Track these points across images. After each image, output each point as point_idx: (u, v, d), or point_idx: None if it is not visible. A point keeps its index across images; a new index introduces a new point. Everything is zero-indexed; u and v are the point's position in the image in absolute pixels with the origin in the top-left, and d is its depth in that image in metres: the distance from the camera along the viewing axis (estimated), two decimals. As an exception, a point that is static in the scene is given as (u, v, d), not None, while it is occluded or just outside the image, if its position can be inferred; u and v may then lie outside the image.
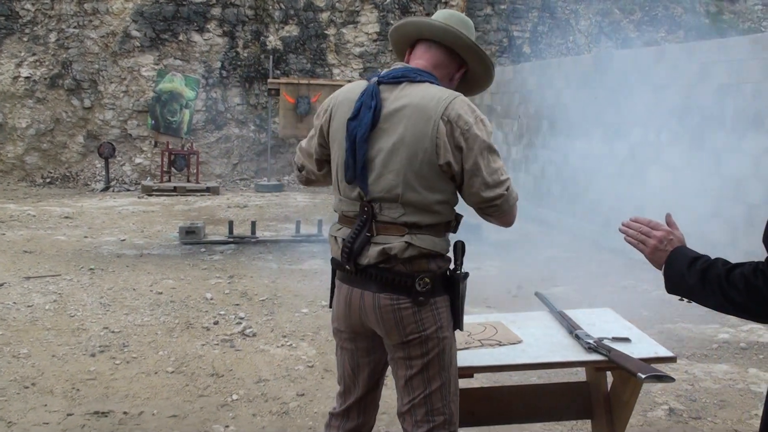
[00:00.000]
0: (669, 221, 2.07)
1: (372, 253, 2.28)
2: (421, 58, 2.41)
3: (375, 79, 2.36)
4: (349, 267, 2.34)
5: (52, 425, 3.85)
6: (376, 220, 2.30)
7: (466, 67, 2.46)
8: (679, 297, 1.95)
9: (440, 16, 2.43)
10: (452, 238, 2.42)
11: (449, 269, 2.37)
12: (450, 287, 2.37)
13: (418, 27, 2.43)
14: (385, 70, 2.41)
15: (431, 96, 2.26)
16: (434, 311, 2.31)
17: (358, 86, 2.39)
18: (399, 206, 2.27)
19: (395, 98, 2.29)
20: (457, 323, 2.39)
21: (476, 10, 15.92)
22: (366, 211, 2.31)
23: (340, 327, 2.49)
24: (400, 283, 2.27)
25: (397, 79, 2.32)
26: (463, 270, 2.38)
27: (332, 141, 2.42)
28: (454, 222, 2.39)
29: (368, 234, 2.30)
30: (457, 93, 2.30)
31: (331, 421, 2.60)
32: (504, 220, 2.40)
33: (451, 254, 2.39)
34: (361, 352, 2.49)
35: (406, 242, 2.26)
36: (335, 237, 2.40)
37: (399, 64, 2.42)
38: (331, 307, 2.52)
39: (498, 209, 2.34)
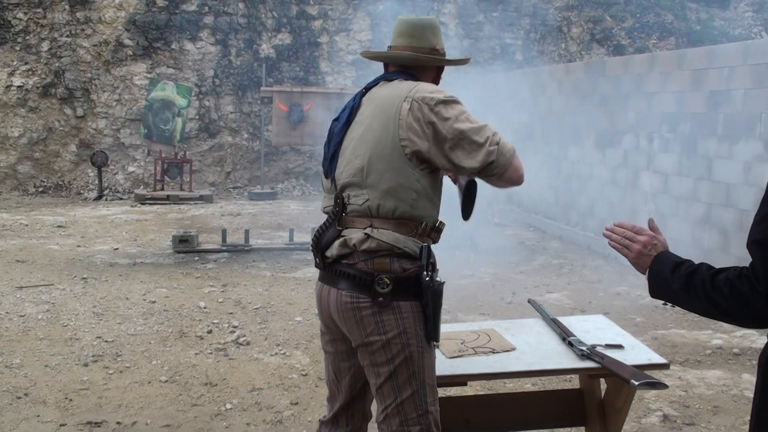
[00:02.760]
0: (652, 226, 2.08)
1: (335, 245, 2.34)
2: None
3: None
4: (318, 260, 2.41)
5: (45, 436, 3.83)
6: (346, 211, 2.35)
7: (442, 67, 2.60)
8: (663, 302, 1.97)
9: (401, 32, 2.49)
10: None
11: (421, 276, 2.31)
12: (420, 293, 2.32)
13: (382, 59, 2.58)
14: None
15: (399, 86, 2.38)
16: (397, 315, 2.29)
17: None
18: (364, 192, 2.31)
19: (372, 97, 2.43)
20: (429, 334, 2.34)
21: (468, 18, 15.97)
22: (338, 203, 2.37)
23: (322, 328, 2.55)
24: (360, 281, 2.29)
25: (376, 82, 2.49)
26: (437, 278, 2.33)
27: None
28: (429, 226, 2.35)
29: (339, 228, 2.36)
30: (424, 81, 2.43)
31: (320, 429, 2.60)
32: (509, 177, 2.32)
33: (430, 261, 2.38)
34: (341, 356, 2.50)
35: (365, 234, 2.29)
36: (314, 229, 2.50)
37: None
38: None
39: (497, 166, 2.28)
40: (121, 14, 14.50)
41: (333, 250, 2.34)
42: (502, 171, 2.30)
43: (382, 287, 2.27)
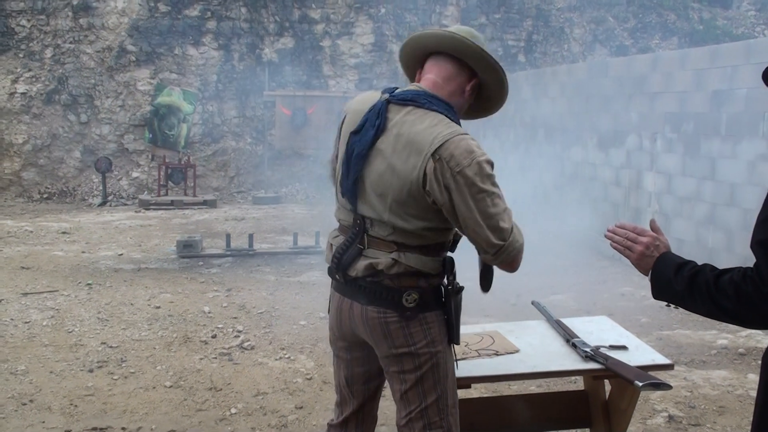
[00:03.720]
0: (654, 227, 2.08)
1: (360, 267, 2.29)
2: (430, 72, 2.33)
3: (386, 96, 2.29)
4: (338, 277, 2.36)
5: (51, 442, 3.83)
6: (368, 234, 2.30)
7: (478, 79, 2.34)
8: (666, 303, 1.96)
9: (451, 29, 2.38)
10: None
11: (442, 284, 2.36)
12: (442, 302, 2.35)
13: (424, 40, 2.36)
14: (398, 89, 2.33)
15: (431, 130, 2.17)
16: (424, 326, 2.29)
17: (371, 98, 2.34)
18: (388, 226, 2.26)
19: (398, 122, 2.23)
20: (452, 337, 2.37)
21: (470, 20, 15.97)
22: (358, 224, 2.31)
23: (335, 336, 2.50)
24: (387, 297, 2.27)
25: (405, 102, 2.25)
26: (457, 284, 2.36)
27: (339, 146, 2.40)
28: (449, 242, 2.37)
29: (360, 246, 2.31)
30: (459, 131, 2.18)
31: (329, 432, 2.61)
32: (505, 267, 2.31)
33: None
34: (356, 362, 2.49)
35: (393, 259, 2.25)
36: (331, 245, 2.42)
37: (413, 86, 2.33)
38: (329, 312, 2.53)
39: (496, 259, 2.25)
40: (124, 20, 14.54)
41: (357, 272, 2.29)
42: (499, 264, 2.29)
43: (410, 302, 2.26)
